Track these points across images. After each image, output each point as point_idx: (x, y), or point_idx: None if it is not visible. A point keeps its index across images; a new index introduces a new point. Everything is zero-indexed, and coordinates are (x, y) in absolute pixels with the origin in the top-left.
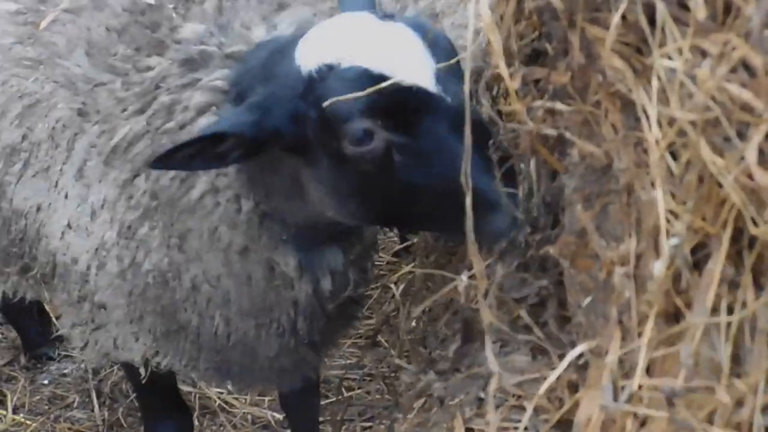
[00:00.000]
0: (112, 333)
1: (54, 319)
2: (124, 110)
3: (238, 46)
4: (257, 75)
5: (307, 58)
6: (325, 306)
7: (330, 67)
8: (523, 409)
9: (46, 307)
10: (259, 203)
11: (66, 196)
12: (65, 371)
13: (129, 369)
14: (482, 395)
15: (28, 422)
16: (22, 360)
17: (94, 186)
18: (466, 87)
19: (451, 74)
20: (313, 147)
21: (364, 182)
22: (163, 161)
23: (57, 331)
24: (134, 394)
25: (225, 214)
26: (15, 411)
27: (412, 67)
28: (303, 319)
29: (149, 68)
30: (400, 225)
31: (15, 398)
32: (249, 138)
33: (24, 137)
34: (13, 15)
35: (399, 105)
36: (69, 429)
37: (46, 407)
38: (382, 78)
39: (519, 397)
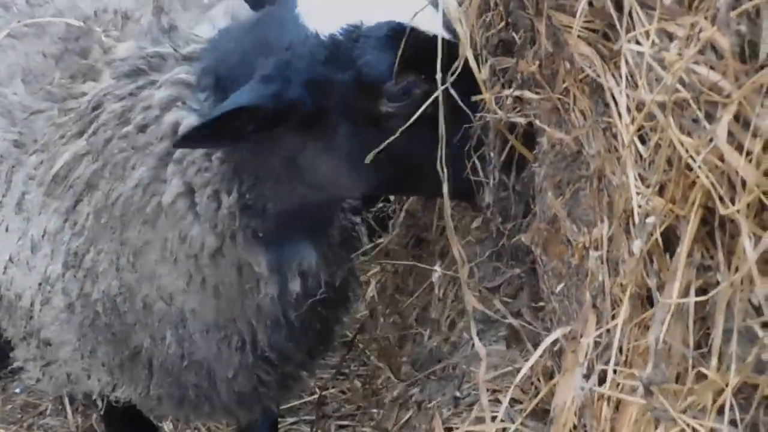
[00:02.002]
0: (64, 369)
1: None
2: (62, 137)
3: (191, 47)
4: (240, 58)
5: (323, 23)
6: (288, 313)
7: (355, 27)
8: (498, 402)
9: None
10: (245, 194)
11: (6, 230)
12: None
13: (89, 398)
14: (458, 394)
15: (1, 430)
16: None
17: (34, 219)
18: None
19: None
20: (329, 115)
21: (390, 144)
22: (188, 141)
23: None
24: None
25: (201, 215)
26: None
27: (430, 16)
28: (264, 328)
29: (83, 94)
30: (408, 188)
31: None
32: (271, 110)
33: None
34: None
35: (430, 55)
36: None
37: (19, 416)
38: (413, 31)
39: (494, 391)
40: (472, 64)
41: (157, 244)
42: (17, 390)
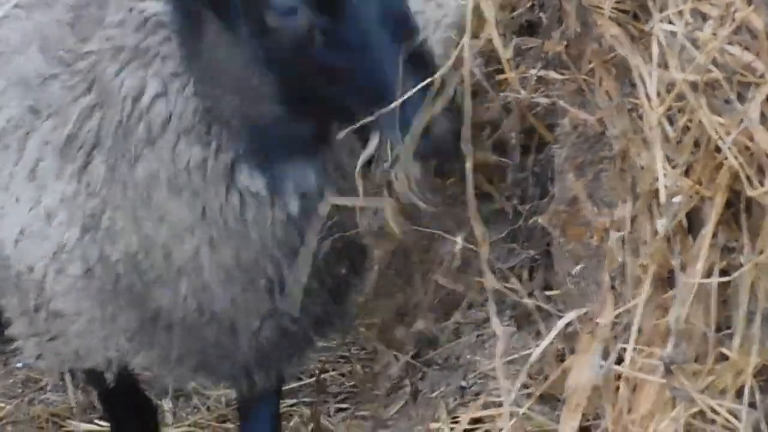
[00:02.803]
0: (72, 344)
1: None
2: (74, 97)
3: None
4: None
5: None
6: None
7: None
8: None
9: None
10: (210, 109)
11: (17, 200)
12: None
13: (92, 375)
14: (464, 384)
15: (2, 405)
16: None
17: (49, 185)
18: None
19: None
20: (234, 9)
21: (283, 58)
22: None
23: None
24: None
25: (178, 118)
26: None
27: None
28: (287, 261)
29: (90, 53)
30: (312, 111)
31: None
32: None
33: None
34: None
35: None
36: (43, 412)
37: (20, 390)
38: None
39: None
40: (497, 43)
41: (161, 175)
42: (18, 365)
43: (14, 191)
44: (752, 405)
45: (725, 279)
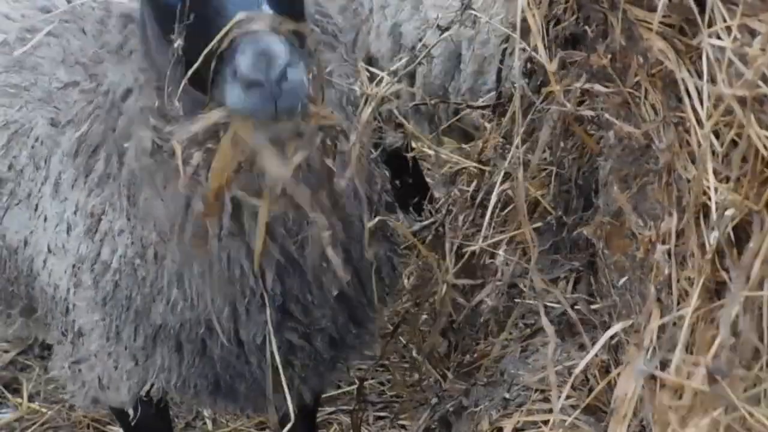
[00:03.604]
0: (96, 369)
1: None
2: (89, 101)
3: None
4: None
5: None
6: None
7: None
8: (547, 400)
9: None
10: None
11: (45, 219)
12: None
13: (120, 415)
14: (507, 396)
15: (43, 410)
16: (36, 349)
17: (69, 197)
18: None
19: None
20: None
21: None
22: None
23: None
24: None
25: (150, 115)
26: (30, 399)
27: None
28: (270, 265)
29: (99, 54)
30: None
31: (30, 386)
32: None
33: (10, 167)
34: (1, 45)
35: None
36: (83, 417)
37: (61, 395)
38: None
39: (543, 391)
40: (542, 55)
41: (141, 167)
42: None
43: (42, 210)
44: None
45: None
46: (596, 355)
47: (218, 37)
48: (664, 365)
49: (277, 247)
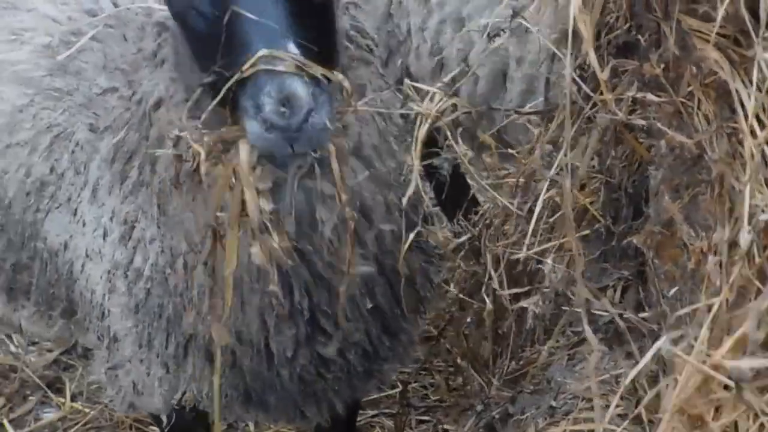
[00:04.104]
0: (131, 375)
1: None
2: (126, 107)
3: None
4: None
5: None
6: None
7: None
8: (593, 409)
9: None
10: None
11: (84, 224)
12: None
13: (157, 420)
14: (554, 404)
15: (86, 410)
16: (80, 349)
17: (106, 203)
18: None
19: None
20: None
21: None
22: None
23: None
24: None
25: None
26: (73, 399)
27: None
28: (298, 280)
29: (138, 61)
30: None
31: (73, 386)
32: None
33: (52, 170)
34: (45, 48)
35: None
36: (126, 417)
37: (104, 395)
38: None
39: (590, 400)
40: (594, 64)
41: (170, 177)
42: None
43: (81, 214)
44: None
45: None
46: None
47: (238, 75)
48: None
49: (305, 265)
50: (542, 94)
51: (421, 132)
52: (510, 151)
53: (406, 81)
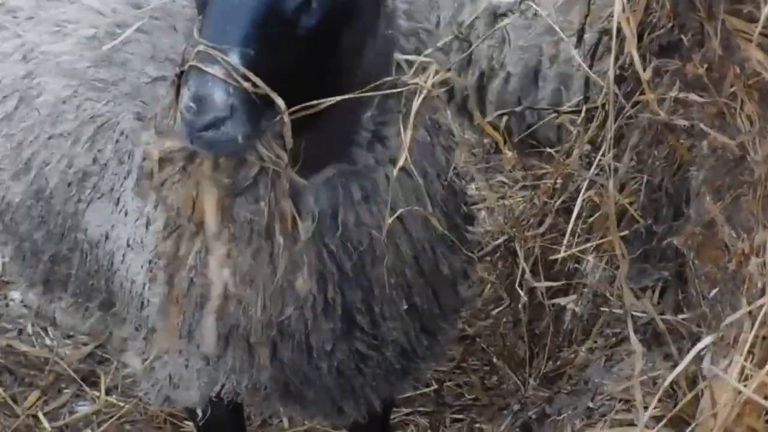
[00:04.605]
0: (168, 367)
1: None
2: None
3: None
4: None
5: None
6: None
7: None
8: (630, 411)
9: None
10: None
11: (126, 214)
12: None
13: (192, 414)
14: (591, 405)
15: (120, 404)
16: (114, 342)
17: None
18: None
19: None
20: None
21: None
22: None
23: None
24: None
25: None
26: (108, 392)
27: None
28: (330, 274)
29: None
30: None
31: (108, 380)
32: None
33: (95, 160)
34: (90, 40)
35: None
36: (160, 411)
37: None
38: None
39: (627, 401)
40: (637, 63)
41: None
42: None
43: (123, 204)
44: None
45: None
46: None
47: (180, 68)
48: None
49: (334, 264)
50: (577, 92)
51: (415, 105)
52: (549, 150)
53: (397, 54)
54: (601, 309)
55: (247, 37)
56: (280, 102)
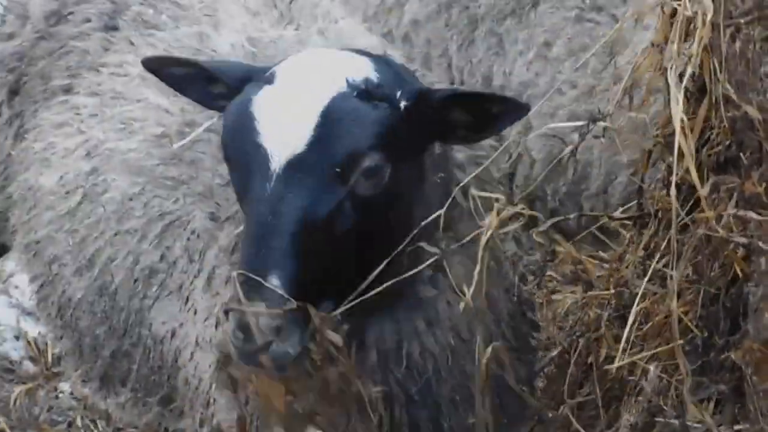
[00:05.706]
0: None
1: None
2: None
3: None
4: None
5: None
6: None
7: None
8: None
9: None
10: None
11: (195, 312)
12: None
13: None
14: None
15: None
16: None
17: (222, 293)
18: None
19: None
20: None
21: None
22: (156, 64)
23: None
24: None
25: None
26: None
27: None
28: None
29: None
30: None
31: None
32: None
33: (162, 257)
34: (159, 138)
35: None
36: None
37: None
38: None
39: None
40: (695, 179)
41: None
42: None
43: (193, 303)
44: None
45: None
46: None
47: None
48: None
49: (400, 387)
50: (596, 181)
51: (482, 244)
52: (601, 254)
53: (472, 191)
54: (656, 419)
55: (287, 255)
56: (317, 320)
